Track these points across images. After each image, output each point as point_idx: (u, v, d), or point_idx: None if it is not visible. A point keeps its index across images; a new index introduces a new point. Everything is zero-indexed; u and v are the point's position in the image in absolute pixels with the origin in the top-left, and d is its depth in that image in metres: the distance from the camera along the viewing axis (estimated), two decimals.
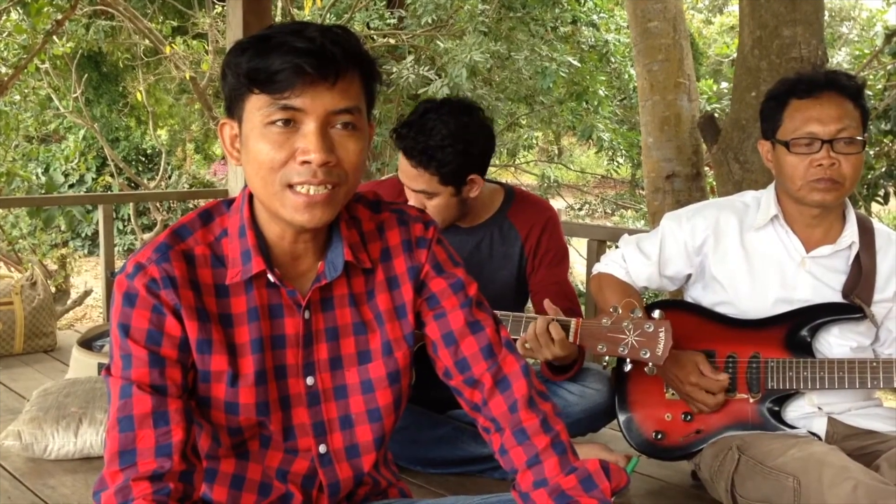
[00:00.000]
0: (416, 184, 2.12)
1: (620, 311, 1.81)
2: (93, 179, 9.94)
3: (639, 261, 2.08)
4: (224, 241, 1.25)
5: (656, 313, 1.78)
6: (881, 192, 5.08)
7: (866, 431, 1.91)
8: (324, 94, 1.14)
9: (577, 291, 7.63)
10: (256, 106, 1.15)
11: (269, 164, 1.15)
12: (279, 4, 6.82)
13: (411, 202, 2.13)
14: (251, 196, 1.26)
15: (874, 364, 1.84)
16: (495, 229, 2.29)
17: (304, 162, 1.14)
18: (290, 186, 1.16)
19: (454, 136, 2.06)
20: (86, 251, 10.18)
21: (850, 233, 1.93)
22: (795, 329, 1.92)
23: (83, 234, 10.19)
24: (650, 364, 1.78)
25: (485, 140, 2.15)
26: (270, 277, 1.23)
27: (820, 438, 1.90)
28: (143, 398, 1.15)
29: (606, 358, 1.85)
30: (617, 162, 8.73)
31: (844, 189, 1.87)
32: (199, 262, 1.23)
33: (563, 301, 2.09)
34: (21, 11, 6.36)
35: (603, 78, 7.54)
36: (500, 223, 2.29)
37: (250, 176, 1.19)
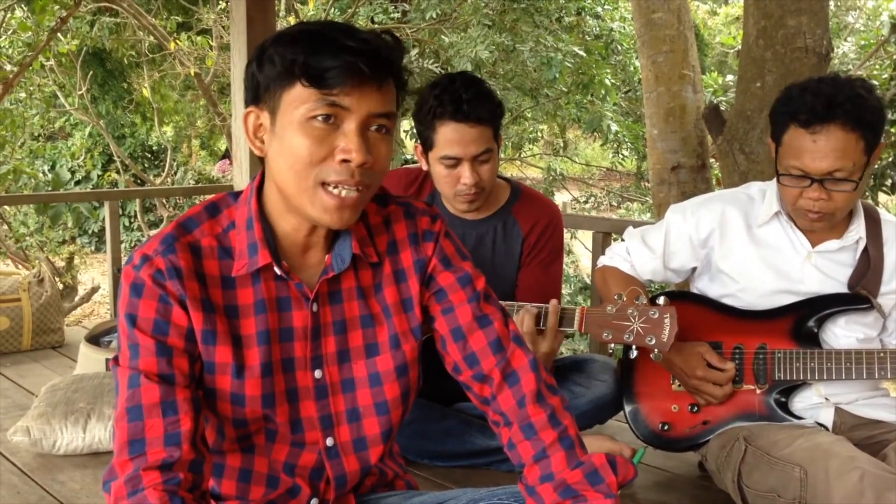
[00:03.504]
0: (478, 145, 2.10)
1: (625, 299, 1.81)
2: (99, 176, 9.97)
3: (643, 254, 2.08)
4: (232, 234, 1.25)
5: (661, 300, 1.78)
6: (888, 182, 5.05)
7: (873, 421, 1.91)
8: (370, 95, 1.15)
9: (583, 284, 7.55)
10: (300, 99, 1.14)
11: (308, 158, 1.15)
12: (283, 0, 6.81)
13: (465, 180, 2.12)
14: (259, 188, 1.26)
15: (881, 355, 1.84)
16: (499, 224, 2.29)
17: (344, 161, 1.15)
18: (324, 185, 1.16)
19: (486, 89, 2.13)
20: (93, 248, 10.21)
21: (857, 228, 1.91)
22: (802, 320, 1.91)
23: (90, 231, 10.22)
24: (656, 350, 1.78)
25: None
26: (277, 270, 1.24)
27: (827, 429, 1.89)
28: (151, 387, 1.15)
29: (612, 345, 1.85)
30: (622, 154, 8.71)
31: (836, 217, 1.84)
32: (206, 253, 1.23)
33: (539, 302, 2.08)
34: (25, 9, 6.36)
35: (608, 69, 7.51)
36: (504, 218, 2.29)
37: (282, 169, 1.18)
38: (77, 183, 10.20)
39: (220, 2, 6.94)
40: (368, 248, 1.29)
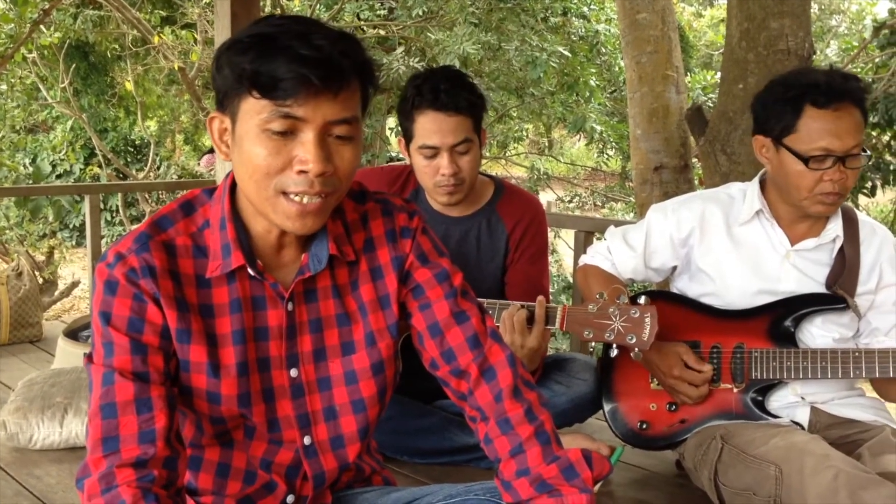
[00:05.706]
0: (456, 135, 2.11)
1: (606, 298, 1.82)
2: (81, 170, 9.89)
3: (624, 253, 2.09)
4: (206, 233, 1.24)
5: (642, 299, 1.79)
6: (868, 185, 5.10)
7: (848, 421, 1.92)
8: (326, 104, 1.12)
9: (566, 283, 7.57)
10: (255, 109, 1.12)
11: (265, 169, 1.13)
12: None
13: (444, 170, 2.12)
14: (233, 186, 1.25)
15: (856, 354, 1.85)
16: (483, 221, 2.29)
17: (301, 171, 1.13)
18: (285, 193, 1.15)
19: (466, 81, 2.14)
20: (74, 242, 10.13)
21: (835, 226, 1.93)
22: (779, 319, 1.93)
23: (71, 226, 10.14)
24: (636, 349, 1.79)
25: None
26: (251, 272, 1.23)
27: (803, 428, 1.91)
28: (126, 385, 1.15)
29: (593, 344, 1.86)
30: (607, 154, 8.75)
31: (844, 198, 1.88)
32: (181, 252, 1.22)
33: (530, 299, 2.08)
34: (7, 0, 6.31)
35: (594, 70, 7.54)
36: (488, 215, 2.29)
37: (243, 178, 1.17)
38: (59, 177, 10.11)
39: None
40: (345, 246, 1.28)
